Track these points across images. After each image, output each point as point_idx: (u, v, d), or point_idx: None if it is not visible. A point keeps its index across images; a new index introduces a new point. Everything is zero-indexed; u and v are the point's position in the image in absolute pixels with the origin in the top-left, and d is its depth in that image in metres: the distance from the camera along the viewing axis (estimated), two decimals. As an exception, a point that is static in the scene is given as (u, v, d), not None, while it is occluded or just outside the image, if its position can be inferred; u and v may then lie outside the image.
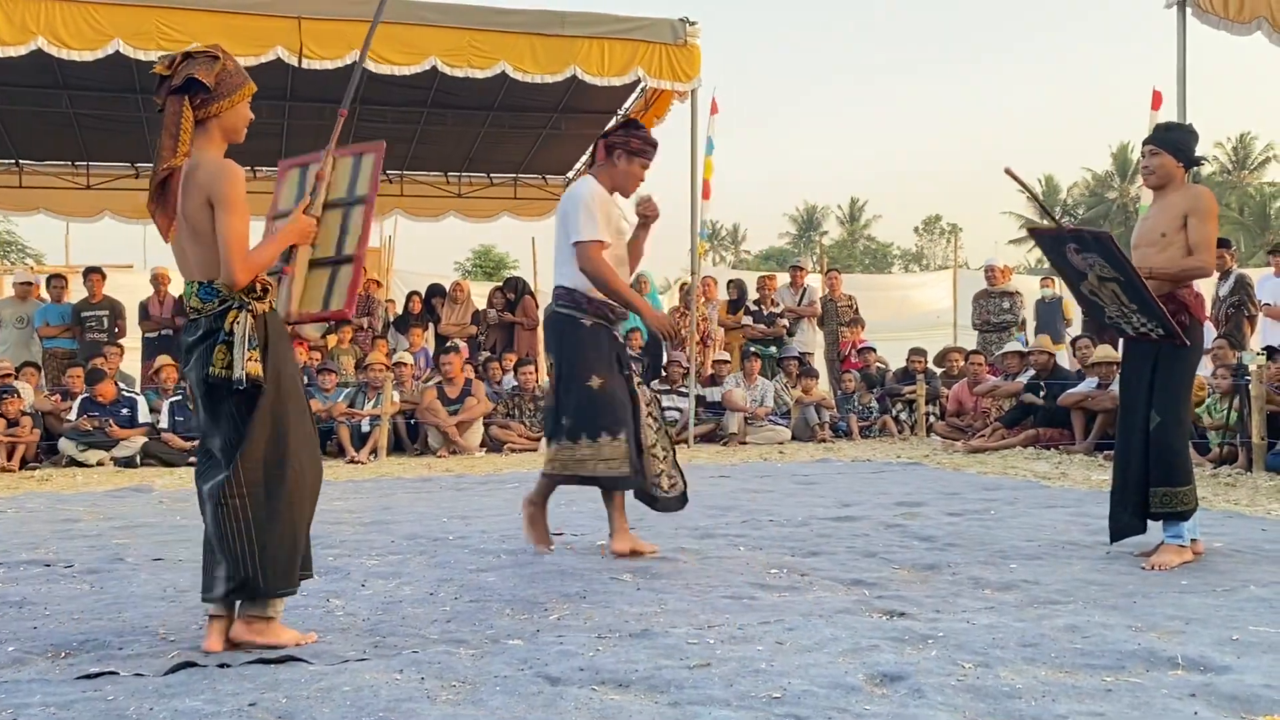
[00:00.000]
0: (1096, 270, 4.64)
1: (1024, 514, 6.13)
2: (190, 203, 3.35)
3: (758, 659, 3.16)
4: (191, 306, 3.41)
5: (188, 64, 3.39)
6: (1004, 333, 12.59)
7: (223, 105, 3.43)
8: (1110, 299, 4.68)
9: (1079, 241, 4.67)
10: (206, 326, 3.37)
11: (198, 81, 3.36)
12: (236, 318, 3.32)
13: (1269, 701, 2.72)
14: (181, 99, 3.38)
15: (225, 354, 3.30)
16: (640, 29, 10.54)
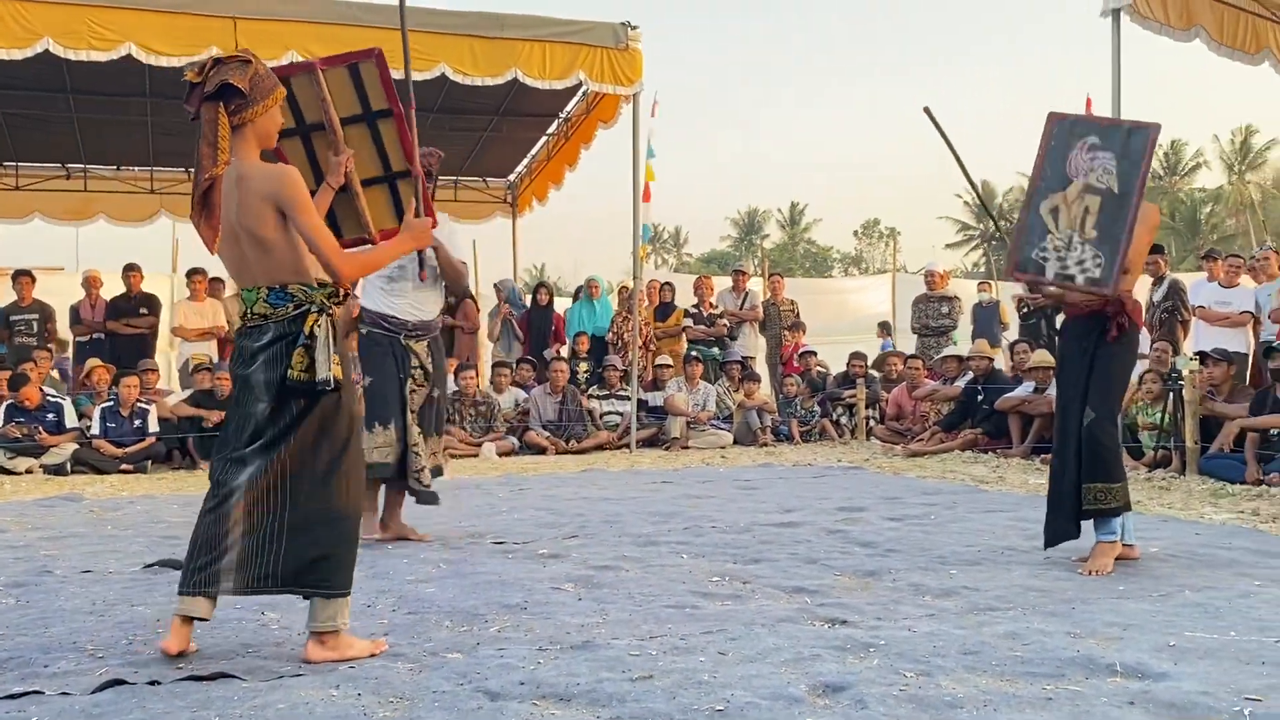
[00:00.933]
0: (1094, 176, 4.41)
1: (963, 519, 6.18)
2: (248, 211, 3.34)
3: (700, 670, 3.14)
4: (256, 313, 3.39)
5: (220, 69, 3.36)
6: (942, 337, 12.72)
7: (257, 110, 3.42)
8: (1074, 219, 4.44)
9: (1104, 135, 4.48)
10: (278, 331, 3.36)
11: (232, 87, 3.34)
12: (317, 321, 3.34)
13: (1205, 708, 2.75)
14: (216, 105, 3.35)
15: (304, 357, 3.31)
16: (582, 32, 10.50)
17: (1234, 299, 10.12)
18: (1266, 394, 8.01)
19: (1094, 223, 4.38)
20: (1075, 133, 4.52)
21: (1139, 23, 8.92)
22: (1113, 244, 4.35)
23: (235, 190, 3.35)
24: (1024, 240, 4.60)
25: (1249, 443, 7.76)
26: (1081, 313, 4.75)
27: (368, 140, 4.11)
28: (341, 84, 4.08)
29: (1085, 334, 4.72)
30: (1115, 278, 4.38)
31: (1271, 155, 55.90)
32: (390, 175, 4.19)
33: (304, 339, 3.31)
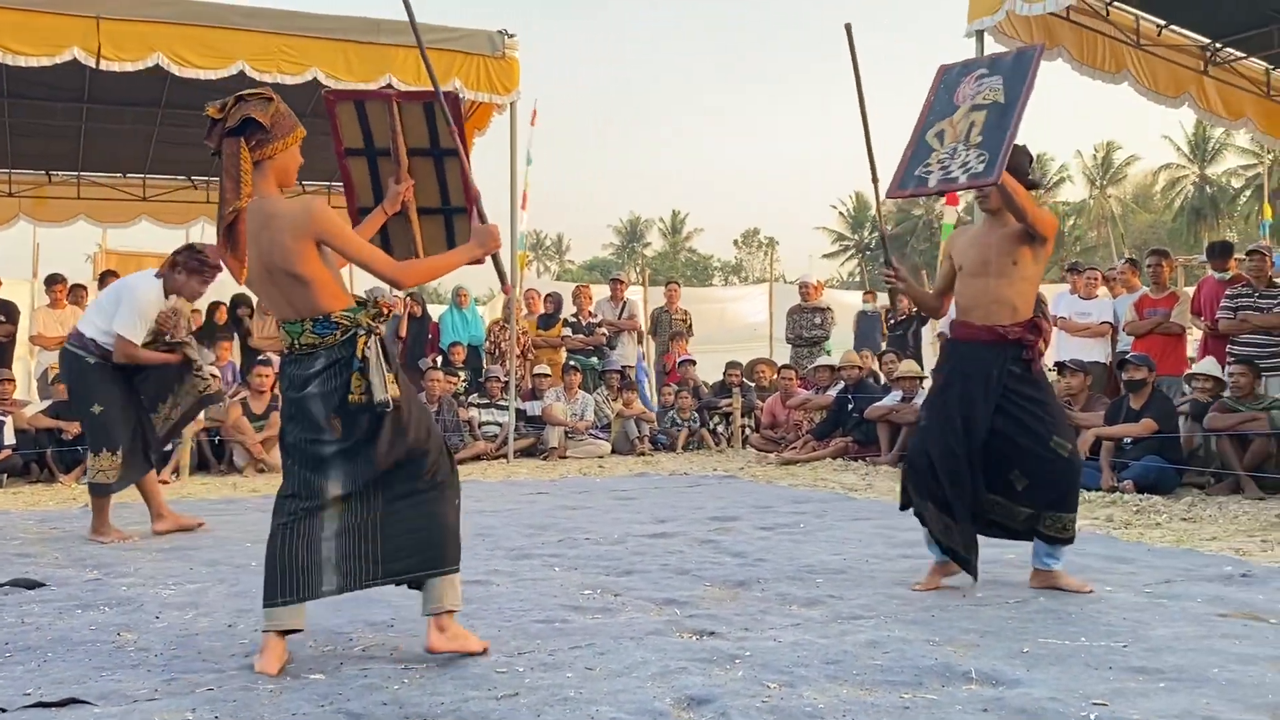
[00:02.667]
0: (980, 96, 4.31)
1: (831, 527, 6.29)
2: (283, 250, 3.36)
3: (567, 686, 3.14)
4: (304, 343, 3.44)
5: (241, 105, 3.42)
6: (815, 347, 12.94)
7: (278, 146, 3.47)
8: (958, 135, 4.28)
9: (992, 65, 4.44)
10: (328, 356, 3.42)
11: (254, 122, 3.41)
12: (367, 343, 3.40)
13: (1055, 714, 2.85)
14: (238, 141, 3.42)
15: (361, 380, 3.38)
16: (457, 40, 10.42)
17: (1093, 310, 10.51)
18: (1121, 403, 8.33)
19: (979, 130, 4.26)
20: (966, 70, 4.52)
21: (1003, 43, 9.23)
22: (996, 140, 4.16)
23: (264, 229, 3.38)
24: (909, 164, 4.47)
25: (1104, 451, 8.07)
26: (980, 337, 4.42)
27: (431, 173, 4.27)
28: (415, 118, 4.22)
29: (988, 361, 4.38)
30: (999, 170, 4.10)
31: (1131, 170, 58.37)
32: (448, 209, 4.36)
33: (358, 363, 3.38)
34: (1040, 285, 4.85)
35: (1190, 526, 6.24)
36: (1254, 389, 7.99)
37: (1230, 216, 51.63)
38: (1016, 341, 4.37)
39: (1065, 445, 4.34)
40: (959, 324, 4.56)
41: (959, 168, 4.21)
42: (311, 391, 3.42)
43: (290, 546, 3.45)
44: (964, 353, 4.49)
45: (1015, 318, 4.39)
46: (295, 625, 3.45)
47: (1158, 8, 10.11)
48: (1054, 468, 4.32)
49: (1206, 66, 10.83)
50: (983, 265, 4.45)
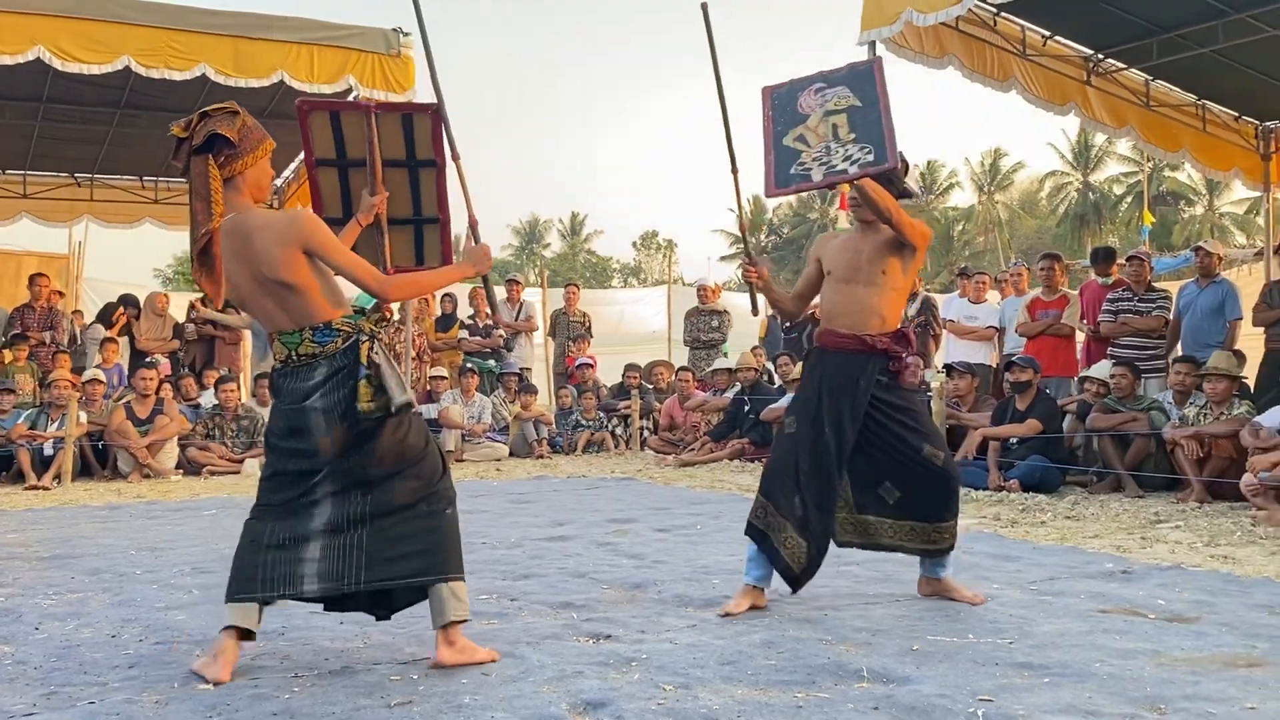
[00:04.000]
0: (829, 104, 4.23)
1: (728, 528, 6.33)
2: (272, 261, 3.28)
3: (461, 693, 3.11)
4: (303, 354, 3.36)
5: (206, 122, 3.33)
6: (713, 349, 13.04)
7: (247, 161, 3.39)
8: (823, 136, 4.20)
9: (830, 79, 4.29)
10: (330, 366, 3.35)
11: (221, 138, 3.32)
12: (372, 349, 3.36)
13: (943, 710, 2.90)
14: (205, 158, 3.32)
15: (369, 387, 3.32)
16: (352, 37, 10.30)
17: (980, 314, 10.76)
18: (1007, 404, 8.54)
19: (847, 130, 4.15)
20: (796, 88, 4.38)
21: (894, 51, 9.40)
22: (876, 132, 4.08)
23: (249, 243, 3.29)
24: (778, 165, 4.31)
25: (990, 451, 8.26)
26: (847, 346, 4.29)
27: (405, 184, 4.20)
28: (392, 129, 4.13)
29: (856, 370, 4.25)
30: (892, 152, 4.03)
31: (1018, 177, 59.98)
32: (419, 219, 4.29)
33: (364, 370, 3.32)
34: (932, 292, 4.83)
35: (1074, 524, 6.43)
36: (1134, 390, 8.26)
37: (1112, 222, 53.36)
38: (884, 352, 4.25)
39: (938, 455, 4.24)
40: (826, 332, 4.42)
41: (843, 160, 4.12)
42: (313, 405, 3.34)
43: (257, 544, 3.39)
44: (831, 361, 4.32)
45: (883, 327, 4.28)
46: (245, 624, 3.35)
47: (1043, 19, 10.39)
48: (928, 479, 4.22)
49: (1090, 77, 11.17)
50: (852, 272, 4.33)
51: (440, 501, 3.47)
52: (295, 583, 3.36)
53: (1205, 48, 10.40)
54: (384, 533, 3.38)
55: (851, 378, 4.24)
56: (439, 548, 3.42)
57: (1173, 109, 12.00)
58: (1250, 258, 23.39)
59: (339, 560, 3.37)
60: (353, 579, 3.37)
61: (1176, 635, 3.71)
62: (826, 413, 4.22)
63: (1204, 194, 52.12)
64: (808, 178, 4.23)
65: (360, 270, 3.39)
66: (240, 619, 3.35)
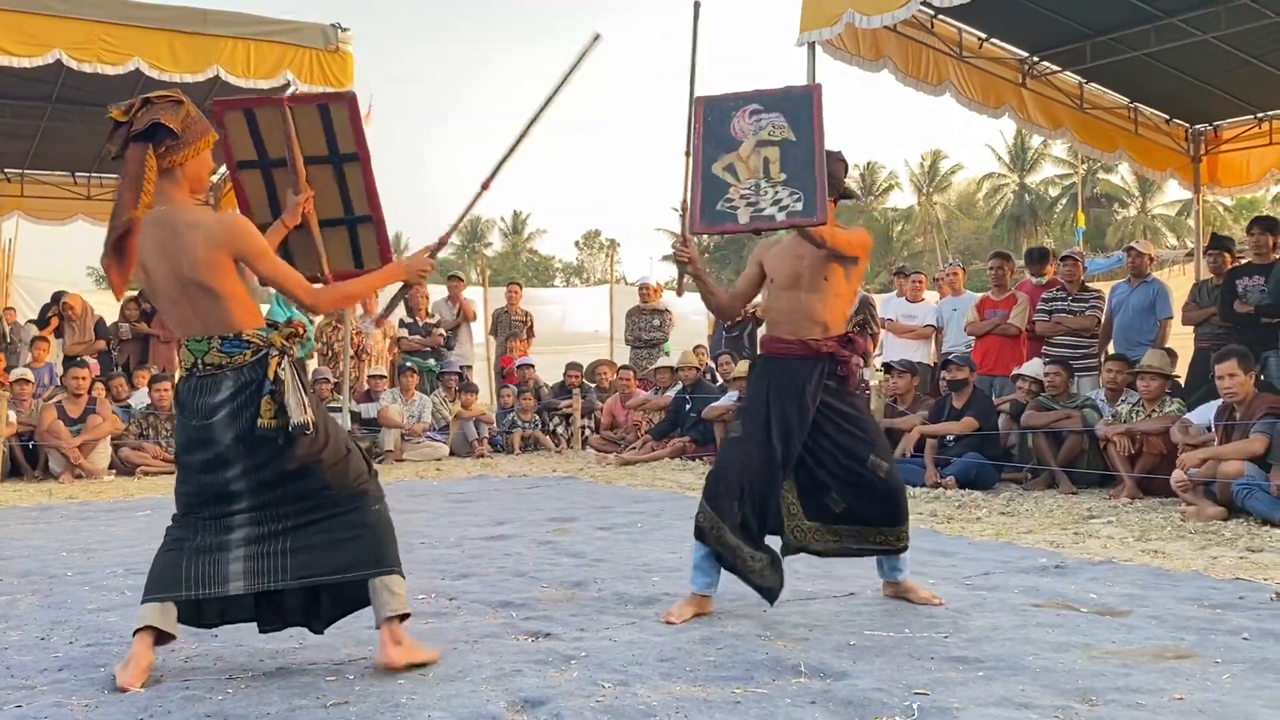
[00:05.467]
0: (763, 134, 4.06)
1: (668, 525, 6.35)
2: (197, 262, 3.18)
3: (399, 693, 3.09)
4: (209, 363, 3.24)
5: (149, 109, 3.23)
6: (654, 349, 13.06)
7: (188, 153, 3.30)
8: (754, 169, 4.04)
9: (767, 102, 4.12)
10: (236, 380, 3.23)
11: (164, 127, 3.21)
12: (279, 365, 3.23)
13: (879, 704, 2.93)
14: (145, 146, 3.21)
15: (272, 404, 3.20)
16: (289, 32, 10.17)
17: (919, 313, 10.87)
18: (944, 402, 8.63)
19: (779, 168, 4.01)
20: (730, 106, 4.18)
21: (830, 53, 9.46)
22: (808, 180, 3.94)
23: (177, 238, 3.19)
24: (704, 199, 4.12)
25: (927, 448, 8.35)
26: (792, 352, 4.25)
27: (331, 181, 4.00)
28: (310, 123, 3.94)
29: (802, 376, 4.19)
30: (821, 207, 3.91)
31: (956, 179, 60.68)
32: (351, 218, 4.08)
33: (269, 385, 3.20)
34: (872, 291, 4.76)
35: (1008, 520, 6.51)
36: (1068, 388, 8.38)
37: (1048, 223, 54.13)
38: (830, 355, 4.20)
39: (882, 465, 4.17)
40: (771, 338, 4.38)
41: (771, 204, 3.99)
42: (219, 421, 3.23)
43: (179, 545, 3.33)
44: (777, 368, 4.26)
45: (827, 333, 4.23)
46: (161, 624, 3.26)
47: (979, 22, 10.50)
48: (873, 488, 4.15)
49: (1025, 79, 11.32)
50: (794, 279, 4.27)
51: (367, 499, 3.40)
52: (220, 582, 3.27)
53: (1137, 51, 10.58)
54: (310, 535, 3.31)
55: (798, 384, 4.18)
56: (371, 542, 3.35)
57: (1106, 111, 12.20)
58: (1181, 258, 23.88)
59: (264, 560, 3.30)
60: (279, 576, 3.29)
61: (1107, 629, 3.77)
62: (775, 419, 4.15)
63: (1137, 196, 53.08)
64: (734, 218, 4.07)
65: (290, 281, 3.33)
66: (157, 618, 3.26)
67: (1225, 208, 41.88)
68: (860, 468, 4.16)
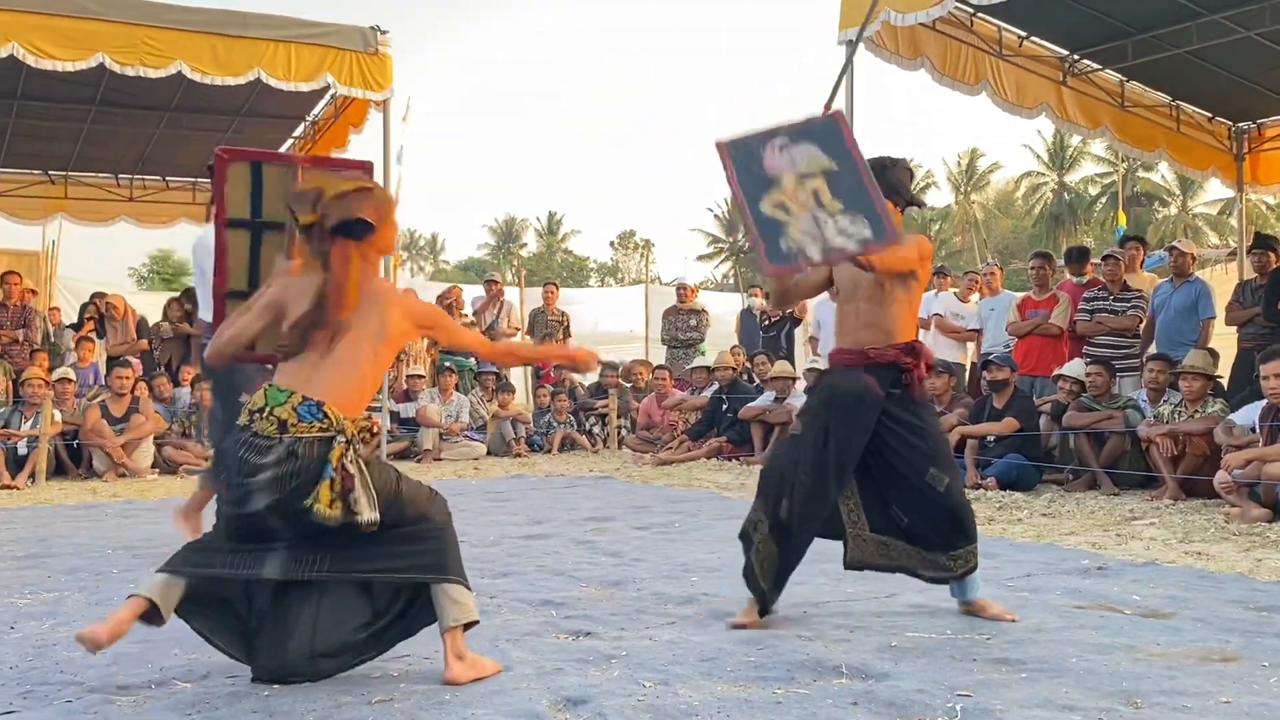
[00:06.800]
0: (800, 167, 3.86)
1: (706, 526, 6.35)
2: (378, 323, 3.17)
3: (442, 690, 3.11)
4: (276, 416, 3.03)
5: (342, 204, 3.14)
6: (691, 348, 13.07)
7: (385, 232, 3.26)
8: (805, 204, 3.84)
9: (792, 135, 3.90)
10: (286, 449, 3.00)
11: (365, 223, 3.17)
12: (345, 454, 3.03)
13: (922, 705, 2.92)
14: (347, 245, 3.16)
15: (330, 491, 3.00)
16: (329, 35, 10.24)
17: (966, 314, 10.83)
18: (985, 402, 8.58)
19: (830, 198, 3.79)
20: (756, 145, 3.98)
21: (871, 50, 9.43)
22: (865, 203, 3.73)
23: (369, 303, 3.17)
24: (766, 241, 3.94)
25: (968, 449, 8.30)
26: (854, 363, 4.13)
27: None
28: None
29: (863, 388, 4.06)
30: (890, 229, 3.72)
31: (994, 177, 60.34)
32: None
33: (330, 471, 3.00)
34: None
35: (1050, 522, 6.47)
36: (1109, 388, 8.31)
37: (1087, 222, 53.74)
38: (892, 364, 4.06)
39: (942, 479, 3.98)
40: (835, 351, 4.26)
41: (838, 234, 3.75)
42: (257, 484, 3.02)
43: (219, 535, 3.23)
44: (839, 378, 4.15)
45: (889, 340, 4.08)
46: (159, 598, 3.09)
47: (1019, 20, 10.42)
48: (935, 505, 3.99)
49: (1065, 77, 11.23)
50: (853, 289, 4.17)
51: (433, 520, 3.30)
52: (254, 565, 3.12)
53: (1179, 48, 10.47)
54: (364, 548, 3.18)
55: (857, 394, 4.05)
56: (432, 551, 3.23)
57: (1147, 110, 12.07)
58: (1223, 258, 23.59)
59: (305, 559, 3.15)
60: (321, 566, 3.14)
61: (1151, 630, 3.74)
62: (832, 429, 4.03)
63: (1178, 195, 52.57)
64: (806, 255, 3.85)
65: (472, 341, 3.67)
66: (158, 592, 3.09)
67: (1268, 206, 41.37)
68: (918, 481, 4.00)
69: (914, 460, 4.01)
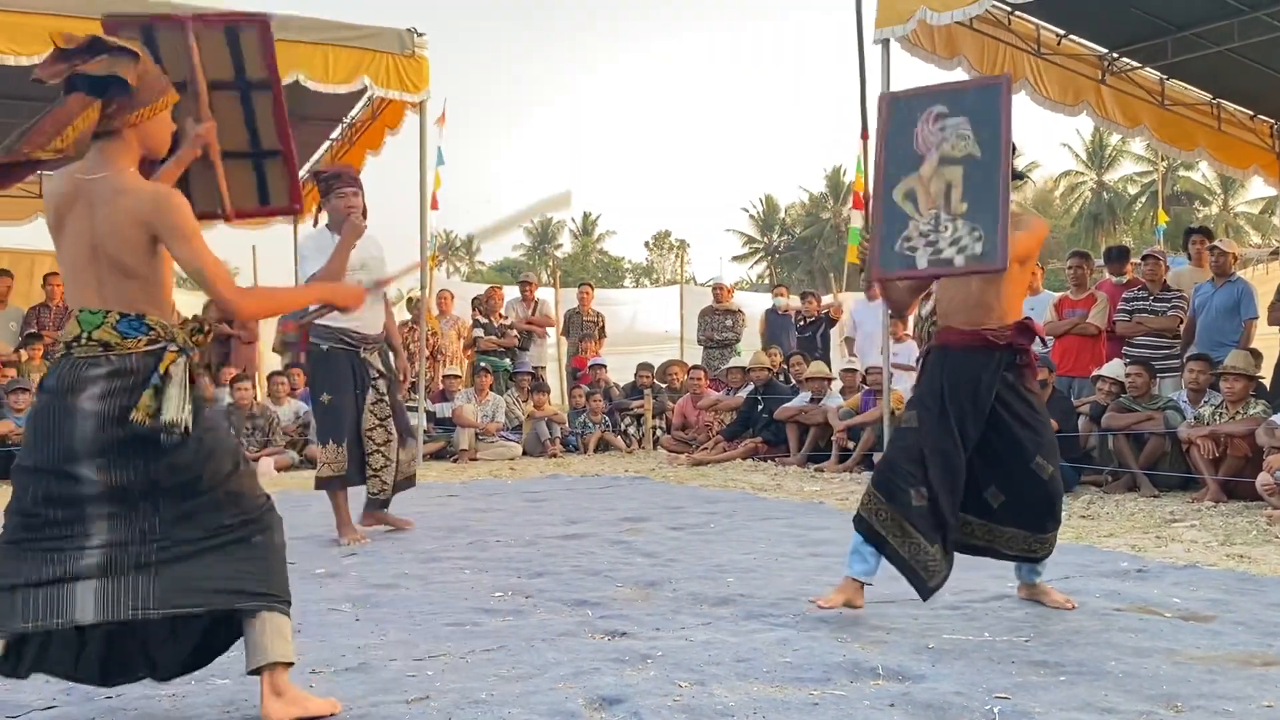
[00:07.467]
0: (948, 145, 3.82)
1: (741, 526, 6.35)
2: (115, 233, 2.79)
3: (478, 690, 3.12)
4: (96, 339, 2.79)
5: (107, 60, 2.78)
6: (727, 349, 13.06)
7: (144, 113, 2.88)
8: (934, 197, 3.82)
9: (952, 100, 3.90)
10: (117, 365, 2.78)
11: (118, 80, 2.78)
12: (173, 361, 2.81)
13: (959, 708, 2.91)
14: (92, 100, 2.78)
15: (152, 400, 2.75)
16: (367, 38, 10.32)
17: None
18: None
19: (960, 195, 3.76)
20: (915, 106, 3.95)
21: (908, 50, 9.38)
22: (990, 212, 3.69)
23: (99, 206, 2.81)
24: (884, 235, 3.92)
25: (1006, 450, 8.23)
26: (969, 343, 4.08)
27: (237, 110, 3.69)
28: (215, 45, 3.63)
29: (978, 367, 4.05)
30: (1002, 250, 3.67)
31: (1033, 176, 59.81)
32: (259, 152, 3.78)
33: (156, 378, 2.77)
34: None
35: (1089, 523, 6.42)
36: (1149, 389, 8.23)
37: (1126, 222, 53.18)
38: (1008, 346, 4.05)
39: (1046, 468, 4.01)
40: (945, 329, 4.20)
41: (950, 245, 3.74)
42: (82, 405, 2.75)
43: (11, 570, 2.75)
44: (953, 360, 4.09)
45: (1003, 320, 4.07)
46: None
47: (1057, 18, 10.35)
48: (1034, 489, 4.01)
49: (1104, 75, 11.13)
50: None
51: (256, 527, 2.94)
52: (66, 611, 2.72)
53: (1220, 46, 10.35)
54: (182, 560, 2.81)
55: (974, 375, 4.04)
56: (258, 572, 2.89)
57: (1187, 108, 11.95)
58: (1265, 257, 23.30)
59: (124, 587, 2.77)
60: (141, 604, 2.77)
61: (1192, 634, 3.71)
62: (951, 411, 4.01)
63: (1218, 194, 51.93)
64: (913, 262, 3.85)
65: (215, 273, 2.86)
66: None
67: (1312, 205, 40.79)
68: (1024, 467, 4.01)
69: (1024, 444, 4.01)
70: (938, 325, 4.30)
